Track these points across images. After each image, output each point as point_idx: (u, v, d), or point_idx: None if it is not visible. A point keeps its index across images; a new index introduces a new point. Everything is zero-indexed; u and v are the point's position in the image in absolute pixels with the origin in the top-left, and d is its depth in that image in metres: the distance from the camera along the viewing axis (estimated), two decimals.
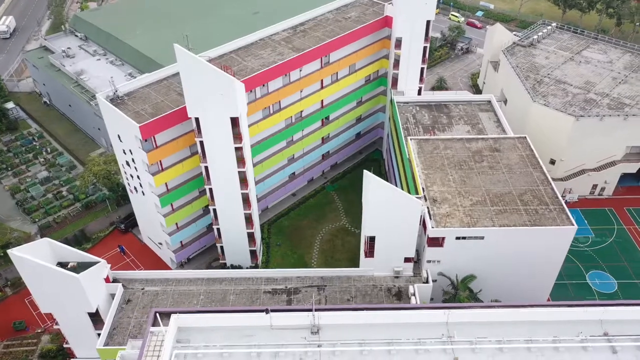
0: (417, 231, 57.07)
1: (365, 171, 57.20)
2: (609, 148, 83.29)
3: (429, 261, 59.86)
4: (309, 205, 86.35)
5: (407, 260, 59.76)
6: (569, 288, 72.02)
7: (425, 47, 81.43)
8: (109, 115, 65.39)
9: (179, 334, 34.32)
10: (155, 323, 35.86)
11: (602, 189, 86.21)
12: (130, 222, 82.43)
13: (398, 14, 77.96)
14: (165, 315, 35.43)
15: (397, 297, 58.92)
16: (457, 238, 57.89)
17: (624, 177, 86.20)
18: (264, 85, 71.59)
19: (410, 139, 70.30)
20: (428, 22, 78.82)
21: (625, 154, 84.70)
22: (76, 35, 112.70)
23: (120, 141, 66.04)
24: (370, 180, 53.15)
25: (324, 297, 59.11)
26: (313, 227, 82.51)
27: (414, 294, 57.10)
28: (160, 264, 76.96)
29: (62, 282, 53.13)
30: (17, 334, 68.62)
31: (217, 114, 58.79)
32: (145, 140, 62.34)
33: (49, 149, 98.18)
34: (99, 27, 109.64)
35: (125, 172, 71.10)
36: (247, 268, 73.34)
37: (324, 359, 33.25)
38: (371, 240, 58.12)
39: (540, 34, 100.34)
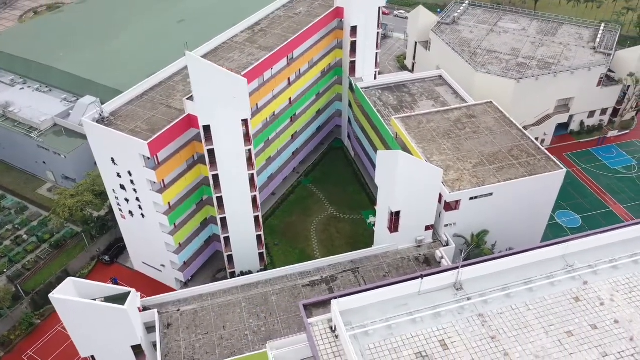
0: (437, 198, 61.15)
1: (382, 151, 60.33)
2: (543, 103, 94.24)
3: (446, 225, 64.38)
4: (291, 201, 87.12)
5: (427, 228, 63.66)
6: (546, 228, 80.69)
7: (378, 33, 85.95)
8: (98, 139, 61.43)
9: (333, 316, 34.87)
10: (307, 315, 35.71)
11: (542, 141, 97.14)
12: (114, 252, 77.44)
13: (352, 3, 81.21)
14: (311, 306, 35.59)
15: (427, 263, 62.62)
16: (471, 198, 63.02)
17: (557, 127, 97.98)
18: None
19: (395, 118, 74.27)
20: (379, 9, 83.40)
21: (556, 107, 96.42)
22: None
23: (115, 164, 62.14)
24: (398, 157, 55.72)
25: (361, 278, 61.19)
26: (303, 221, 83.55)
27: (442, 257, 61.30)
28: (161, 288, 73.42)
29: (107, 317, 49.95)
30: None
31: (229, 118, 58.05)
32: (149, 158, 59.70)
33: None
34: (11, 54, 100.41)
35: (116, 198, 66.85)
36: (257, 272, 72.64)
37: (479, 308, 35.94)
38: (396, 215, 61.06)
39: (459, 11, 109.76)
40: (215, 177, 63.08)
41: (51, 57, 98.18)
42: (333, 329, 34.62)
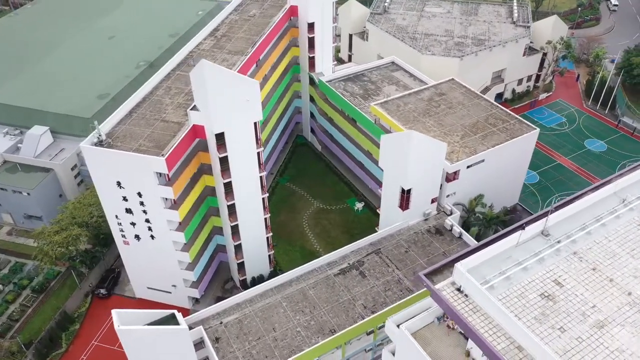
0: (442, 171, 65.52)
1: (388, 135, 63.47)
2: (482, 77, 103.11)
3: (447, 195, 69.10)
4: (275, 202, 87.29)
5: (432, 201, 67.86)
6: None
7: (334, 27, 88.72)
8: (101, 163, 58.11)
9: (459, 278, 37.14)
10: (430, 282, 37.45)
11: None
12: (110, 284, 73.09)
13: (309, 0, 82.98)
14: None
15: (439, 233, 66.88)
16: (468, 167, 68.23)
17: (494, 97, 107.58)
18: None
19: (374, 105, 77.62)
20: (333, 4, 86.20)
21: (492, 79, 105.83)
22: None
23: (121, 187, 59.04)
24: (411, 137, 59.04)
25: (386, 257, 64.02)
26: (293, 218, 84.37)
27: (452, 225, 65.94)
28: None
29: (167, 341, 48.69)
30: None
31: (243, 122, 57.76)
32: (160, 175, 57.75)
33: None
34: None
35: (119, 224, 63.36)
36: (268, 276, 72.71)
37: (571, 247, 40.28)
38: (408, 193, 64.46)
39: (387, 1, 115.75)
40: (227, 185, 62.21)
41: None
42: (460, 289, 37.13)
